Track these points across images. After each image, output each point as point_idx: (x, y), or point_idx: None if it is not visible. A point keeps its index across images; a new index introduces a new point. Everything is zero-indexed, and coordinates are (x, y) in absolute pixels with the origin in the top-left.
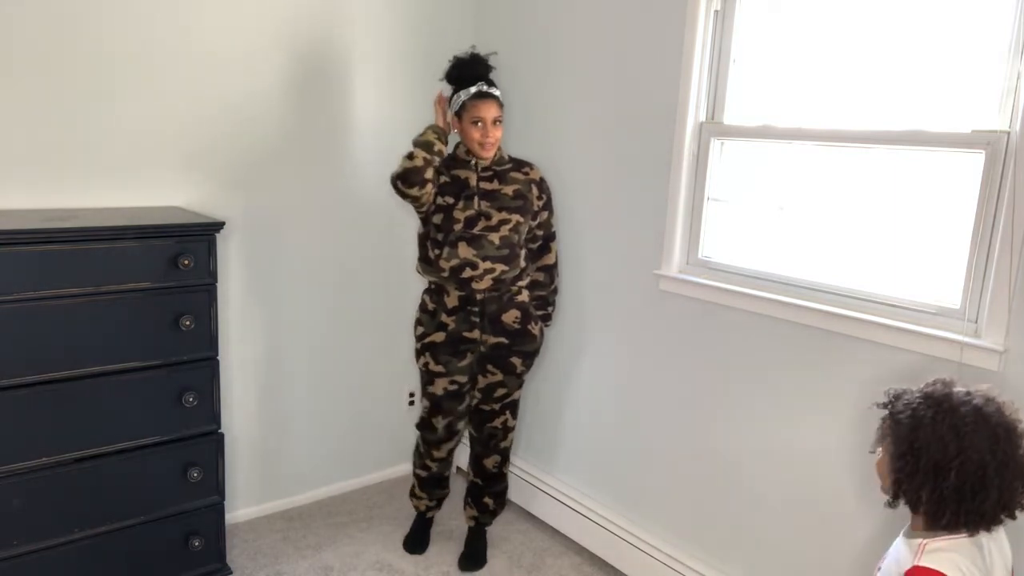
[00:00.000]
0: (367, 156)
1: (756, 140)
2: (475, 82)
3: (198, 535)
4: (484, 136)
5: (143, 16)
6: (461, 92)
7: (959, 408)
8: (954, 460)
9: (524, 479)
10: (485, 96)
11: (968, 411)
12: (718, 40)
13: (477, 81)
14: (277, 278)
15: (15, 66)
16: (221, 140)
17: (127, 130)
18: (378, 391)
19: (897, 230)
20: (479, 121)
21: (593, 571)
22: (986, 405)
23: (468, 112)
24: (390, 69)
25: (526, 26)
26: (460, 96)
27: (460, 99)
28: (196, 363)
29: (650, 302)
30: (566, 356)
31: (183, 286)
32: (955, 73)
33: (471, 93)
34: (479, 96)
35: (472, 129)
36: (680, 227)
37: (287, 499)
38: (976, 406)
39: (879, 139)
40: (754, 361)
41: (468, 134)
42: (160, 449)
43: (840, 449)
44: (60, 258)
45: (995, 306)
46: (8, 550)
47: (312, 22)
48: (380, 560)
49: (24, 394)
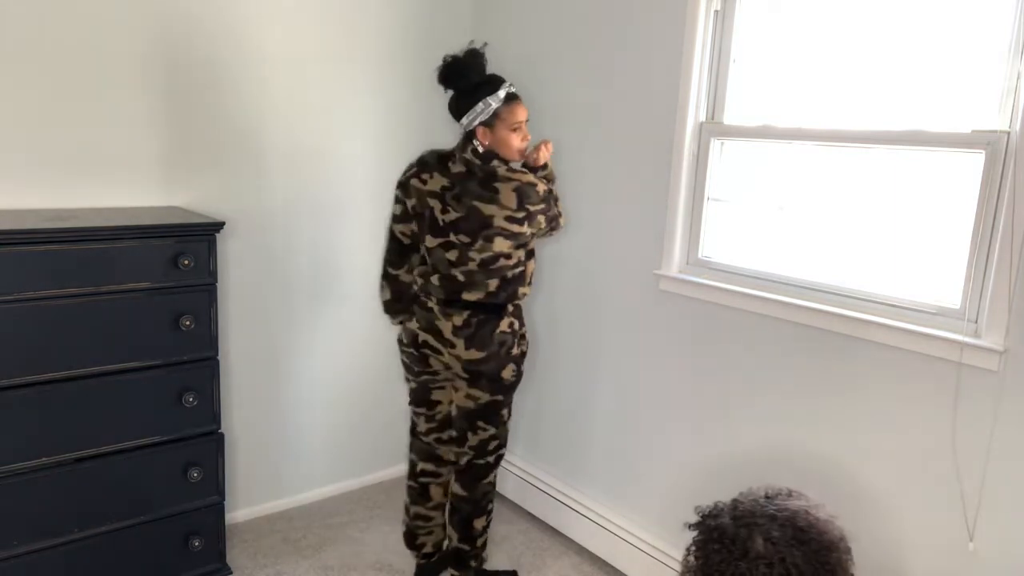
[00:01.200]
0: (367, 156)
1: (756, 140)
2: (497, 85)
3: (198, 535)
4: (525, 139)
5: (144, 16)
6: (489, 99)
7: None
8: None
9: (524, 479)
10: (517, 97)
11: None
12: (718, 40)
13: (498, 84)
14: (277, 278)
15: (15, 66)
16: (221, 140)
17: (127, 130)
18: (378, 391)
19: (897, 230)
20: (518, 126)
21: (593, 571)
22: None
23: (503, 119)
24: (390, 69)
25: (525, 26)
26: (490, 104)
27: (491, 107)
28: (196, 363)
29: (650, 302)
30: (566, 356)
31: (183, 286)
32: (955, 73)
33: (502, 98)
34: (511, 99)
35: (512, 136)
36: (680, 227)
37: (287, 499)
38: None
39: (879, 139)
40: (754, 361)
41: (507, 142)
42: (160, 449)
43: (840, 449)
44: (60, 258)
45: (995, 306)
46: (8, 550)
47: (312, 22)
48: (380, 560)
49: (24, 394)
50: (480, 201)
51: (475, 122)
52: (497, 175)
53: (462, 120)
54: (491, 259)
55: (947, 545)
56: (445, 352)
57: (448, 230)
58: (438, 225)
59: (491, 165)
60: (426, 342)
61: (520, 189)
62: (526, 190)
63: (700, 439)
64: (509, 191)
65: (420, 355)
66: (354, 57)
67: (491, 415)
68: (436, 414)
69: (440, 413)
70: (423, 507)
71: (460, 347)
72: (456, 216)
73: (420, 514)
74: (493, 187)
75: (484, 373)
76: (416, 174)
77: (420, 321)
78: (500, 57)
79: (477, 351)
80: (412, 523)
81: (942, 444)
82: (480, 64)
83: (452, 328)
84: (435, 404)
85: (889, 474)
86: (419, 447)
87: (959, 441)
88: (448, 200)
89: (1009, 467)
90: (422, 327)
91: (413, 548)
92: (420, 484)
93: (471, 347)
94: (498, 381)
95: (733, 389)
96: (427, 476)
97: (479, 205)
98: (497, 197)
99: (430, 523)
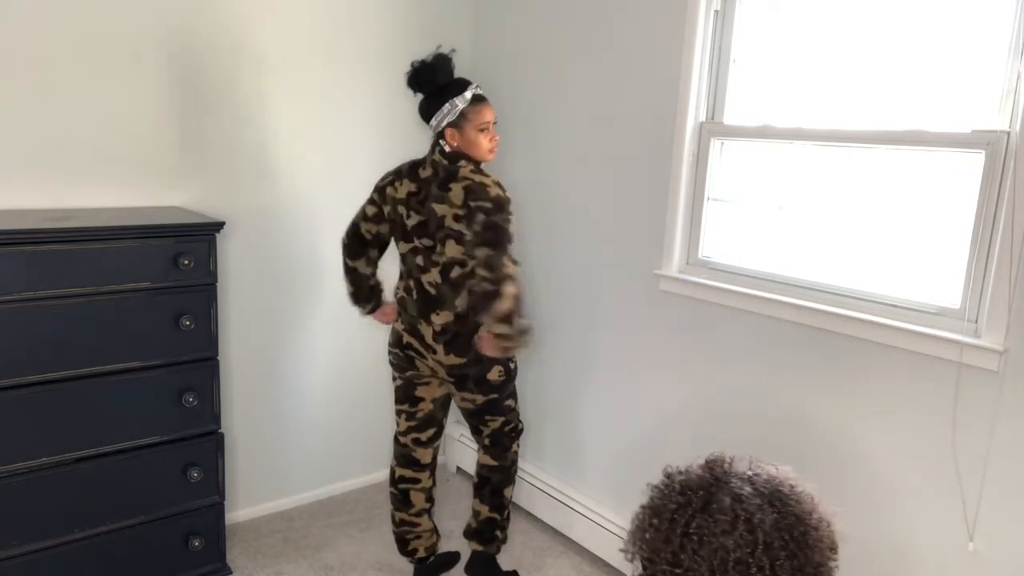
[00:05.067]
0: (367, 156)
1: (756, 140)
2: (464, 87)
3: (198, 535)
4: (493, 139)
5: (144, 16)
6: (456, 100)
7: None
8: None
9: (524, 480)
10: (484, 98)
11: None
12: (718, 40)
13: (465, 85)
14: (277, 278)
15: (14, 65)
16: (221, 140)
17: (127, 130)
18: (378, 391)
19: (897, 230)
20: (485, 127)
21: (593, 571)
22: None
23: (471, 120)
24: (390, 69)
25: (525, 26)
26: (456, 104)
27: (457, 107)
28: (196, 363)
29: (650, 302)
30: (566, 356)
31: (183, 286)
32: (955, 73)
33: (468, 99)
34: (478, 100)
35: (481, 137)
36: (680, 227)
37: (287, 499)
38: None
39: (879, 139)
40: (754, 361)
41: (476, 143)
42: (160, 449)
43: (840, 449)
44: (60, 258)
45: (995, 306)
46: (8, 550)
47: (311, 22)
48: (380, 560)
49: (24, 394)
50: (437, 202)
51: (443, 123)
52: (456, 175)
53: (431, 122)
54: (448, 265)
55: (947, 545)
56: (428, 357)
57: (412, 235)
58: (406, 230)
59: (455, 166)
60: (410, 344)
61: (469, 187)
62: (475, 188)
63: (700, 440)
64: (460, 188)
65: (406, 356)
66: (354, 58)
67: (494, 409)
68: (418, 411)
69: (422, 411)
70: (406, 513)
71: (440, 353)
72: (418, 220)
73: (405, 520)
74: (448, 187)
75: (469, 376)
76: (391, 182)
77: (405, 324)
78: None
79: (457, 356)
80: (399, 529)
81: (942, 444)
82: (447, 67)
83: (432, 334)
84: (418, 401)
85: (889, 474)
86: (397, 451)
87: (959, 441)
88: (413, 205)
89: (1009, 467)
90: (406, 329)
91: (405, 554)
92: (400, 491)
93: (450, 352)
94: (486, 383)
95: (733, 389)
96: (406, 483)
97: (435, 206)
98: (448, 196)
99: (416, 528)
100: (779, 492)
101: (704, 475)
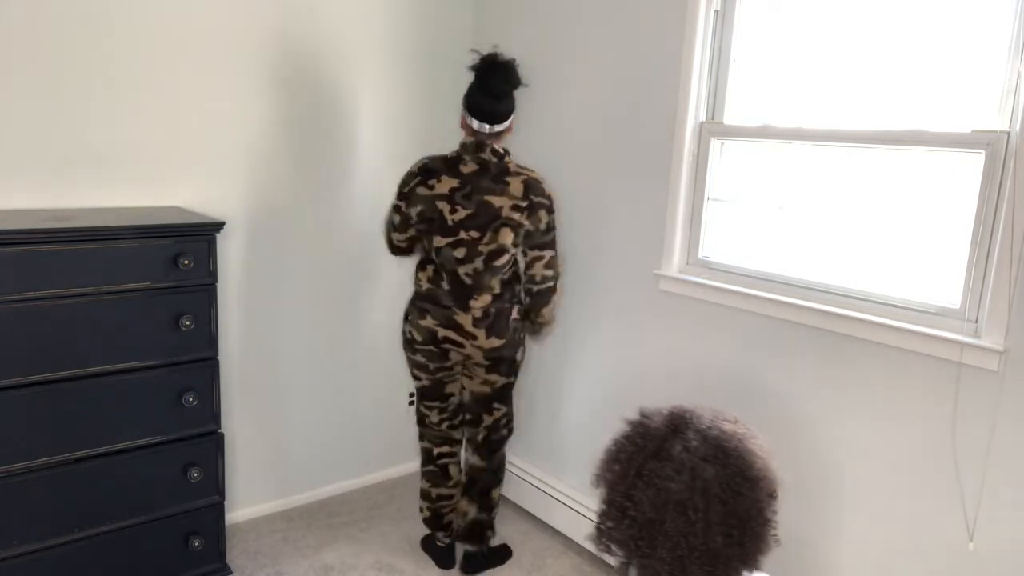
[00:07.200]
0: (368, 155)
1: (756, 140)
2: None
3: (198, 535)
4: None
5: (144, 16)
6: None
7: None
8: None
9: (524, 479)
10: None
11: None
12: (718, 40)
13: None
14: (277, 278)
15: (15, 65)
16: (222, 140)
17: (127, 130)
18: (378, 391)
19: (897, 230)
20: None
21: (593, 571)
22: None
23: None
24: (391, 69)
25: (526, 26)
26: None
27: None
28: (196, 363)
29: (650, 302)
30: (566, 356)
31: (183, 286)
32: (955, 73)
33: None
34: None
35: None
36: (680, 227)
37: (287, 499)
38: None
39: (879, 139)
40: (754, 361)
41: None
42: (160, 449)
43: (840, 449)
44: (60, 258)
45: (995, 306)
46: (8, 550)
47: (311, 22)
48: (380, 560)
49: (24, 394)
50: (491, 194)
51: (508, 124)
52: (510, 170)
53: (504, 123)
54: (497, 252)
55: (947, 545)
56: (467, 344)
57: (458, 228)
58: (447, 225)
59: (503, 161)
60: (447, 337)
61: (528, 182)
62: (533, 183)
63: None
64: (519, 182)
65: (441, 351)
66: (355, 58)
67: (504, 396)
68: (449, 406)
69: (452, 404)
70: (445, 487)
71: (482, 337)
72: (466, 213)
73: (443, 495)
74: (504, 180)
75: (504, 358)
76: (422, 182)
77: (438, 319)
78: None
79: (497, 339)
80: (436, 505)
81: (942, 444)
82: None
83: (472, 320)
84: (448, 397)
85: (889, 474)
86: (432, 435)
87: (959, 441)
88: (458, 200)
89: (1009, 467)
90: (441, 324)
91: (441, 529)
92: (440, 466)
93: (491, 335)
94: (514, 363)
95: (733, 389)
96: (445, 458)
97: (489, 198)
98: (507, 188)
99: (452, 501)
100: (725, 447)
101: (663, 425)
